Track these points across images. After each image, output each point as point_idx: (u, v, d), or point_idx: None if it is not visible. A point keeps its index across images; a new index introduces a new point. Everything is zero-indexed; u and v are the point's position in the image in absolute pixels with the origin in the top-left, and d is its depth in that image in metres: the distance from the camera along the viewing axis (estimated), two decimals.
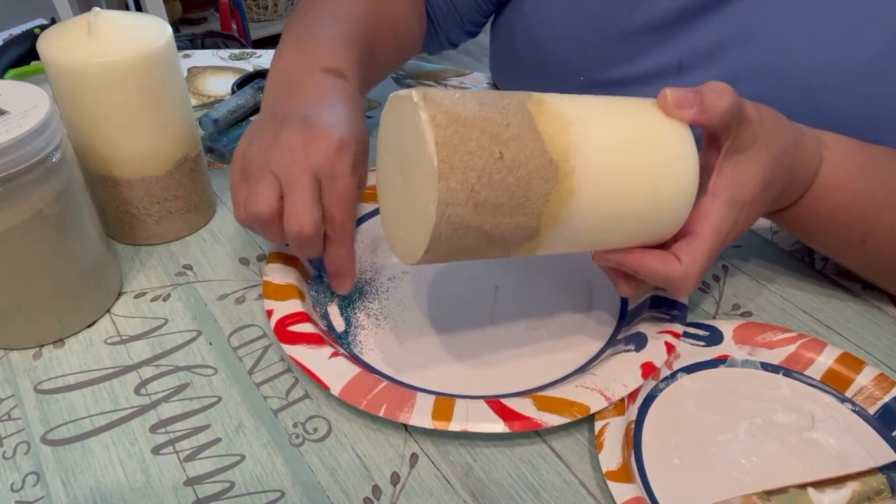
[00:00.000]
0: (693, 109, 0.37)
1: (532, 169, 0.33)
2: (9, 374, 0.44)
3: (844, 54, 0.48)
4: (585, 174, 0.34)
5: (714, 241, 0.38)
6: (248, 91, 0.69)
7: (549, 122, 0.34)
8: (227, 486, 0.37)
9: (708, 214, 0.38)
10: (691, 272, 0.38)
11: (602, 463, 0.37)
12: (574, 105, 0.35)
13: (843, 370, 0.42)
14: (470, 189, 0.32)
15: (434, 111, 0.32)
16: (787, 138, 0.41)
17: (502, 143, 0.32)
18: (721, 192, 0.38)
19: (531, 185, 0.33)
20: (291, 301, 0.45)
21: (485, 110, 0.33)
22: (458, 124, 0.32)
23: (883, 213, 0.43)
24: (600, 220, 0.36)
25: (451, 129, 0.32)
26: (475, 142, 0.32)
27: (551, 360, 0.44)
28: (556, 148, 0.33)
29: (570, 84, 0.61)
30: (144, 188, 0.50)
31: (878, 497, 0.35)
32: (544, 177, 0.33)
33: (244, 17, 2.46)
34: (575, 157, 0.34)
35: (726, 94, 0.37)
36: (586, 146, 0.34)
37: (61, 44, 0.45)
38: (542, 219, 0.34)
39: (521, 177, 0.33)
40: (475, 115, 0.32)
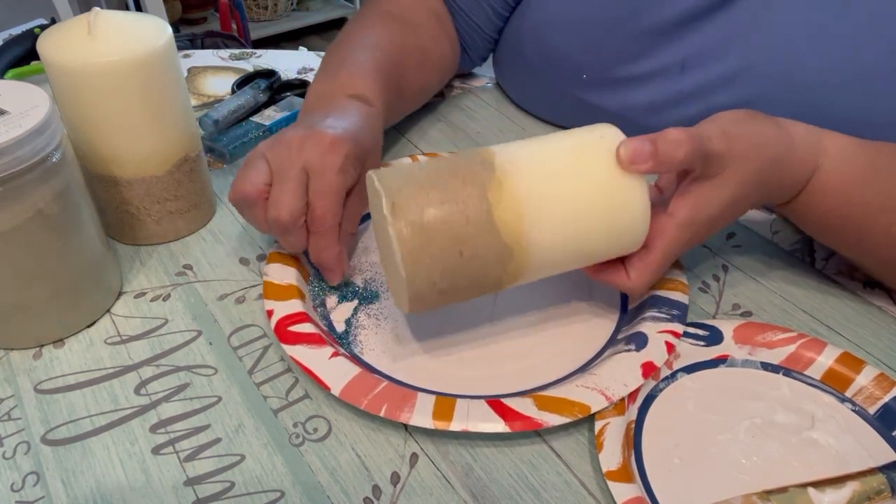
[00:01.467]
0: (647, 164, 0.38)
1: (489, 257, 0.38)
2: (9, 374, 0.44)
3: (847, 56, 0.48)
4: (540, 247, 0.38)
5: (664, 256, 0.41)
6: (248, 91, 0.69)
7: (505, 210, 0.37)
8: (227, 486, 0.37)
9: (663, 233, 0.41)
10: (640, 284, 0.42)
11: (602, 463, 0.37)
12: (532, 177, 0.38)
13: (843, 370, 0.42)
14: (433, 283, 0.38)
15: (400, 224, 0.37)
16: (764, 156, 0.41)
17: (462, 241, 0.37)
18: (678, 212, 0.40)
19: (488, 268, 0.38)
20: (291, 301, 0.45)
21: (445, 209, 0.37)
22: (422, 233, 0.37)
23: (879, 218, 0.43)
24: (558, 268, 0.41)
25: (416, 239, 0.37)
26: (437, 246, 0.37)
27: (551, 359, 0.44)
28: (510, 234, 0.38)
29: (573, 82, 0.61)
30: (144, 188, 0.50)
31: (878, 497, 0.35)
32: (501, 260, 0.38)
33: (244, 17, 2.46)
34: (528, 237, 0.38)
35: (682, 146, 0.38)
36: (540, 224, 0.38)
37: (61, 44, 0.45)
38: (502, 284, 0.40)
39: (478, 265, 0.38)
40: (437, 218, 0.37)
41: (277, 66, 0.81)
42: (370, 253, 0.53)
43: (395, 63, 0.59)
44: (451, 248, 0.37)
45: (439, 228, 0.37)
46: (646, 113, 0.59)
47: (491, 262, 0.38)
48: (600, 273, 0.43)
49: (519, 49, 0.66)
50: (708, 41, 0.53)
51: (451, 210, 0.37)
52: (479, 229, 0.37)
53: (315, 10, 3.11)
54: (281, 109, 0.68)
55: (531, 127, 0.69)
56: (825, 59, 0.49)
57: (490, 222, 0.37)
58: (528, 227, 0.38)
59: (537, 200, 0.38)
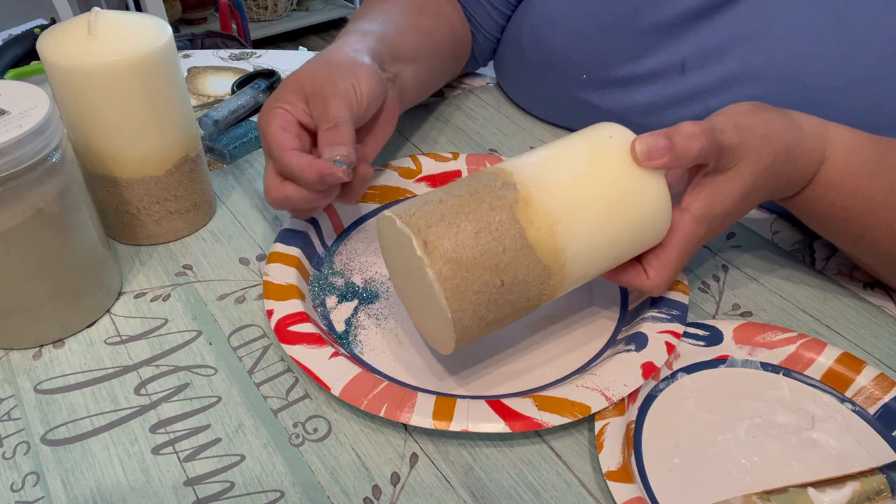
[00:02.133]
0: (663, 159, 0.38)
1: (529, 281, 0.38)
2: (9, 374, 0.44)
3: (847, 57, 0.48)
4: (574, 261, 0.38)
5: (681, 252, 0.41)
6: (248, 91, 0.69)
7: (538, 230, 0.37)
8: (227, 486, 0.37)
9: (677, 228, 0.41)
10: (659, 283, 0.42)
11: (602, 463, 0.37)
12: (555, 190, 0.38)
13: (843, 370, 0.42)
14: (480, 318, 0.37)
15: (438, 264, 0.36)
16: (776, 149, 0.41)
17: (501, 271, 0.36)
18: (692, 207, 0.40)
19: (530, 290, 0.38)
20: (291, 301, 0.45)
21: (481, 242, 0.36)
22: (462, 270, 0.36)
23: (883, 213, 0.43)
24: (590, 277, 0.41)
25: (456, 278, 0.36)
26: (479, 281, 0.36)
27: (552, 359, 0.44)
28: (546, 253, 0.37)
29: (573, 82, 0.61)
30: (144, 188, 0.50)
31: (878, 497, 0.35)
32: (540, 280, 0.38)
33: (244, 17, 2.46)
34: (563, 254, 0.38)
35: (697, 139, 0.38)
36: (573, 239, 0.38)
37: (61, 44, 0.45)
38: (540, 302, 0.40)
39: (520, 290, 0.37)
40: (474, 252, 0.36)
41: (277, 66, 0.81)
42: (370, 253, 0.53)
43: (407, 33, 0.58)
44: (493, 280, 0.36)
45: (478, 261, 0.36)
46: (645, 113, 0.59)
47: (532, 284, 0.38)
48: (619, 275, 0.43)
49: (519, 49, 0.66)
50: (708, 42, 0.53)
51: (486, 240, 0.36)
52: (516, 254, 0.36)
53: (315, 10, 3.11)
54: None
55: (531, 127, 0.69)
56: (825, 60, 0.49)
57: (526, 245, 0.37)
58: (562, 241, 0.37)
59: (566, 213, 0.37)
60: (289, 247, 0.49)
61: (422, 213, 0.37)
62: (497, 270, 0.36)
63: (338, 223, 0.54)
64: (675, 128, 0.38)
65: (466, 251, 0.36)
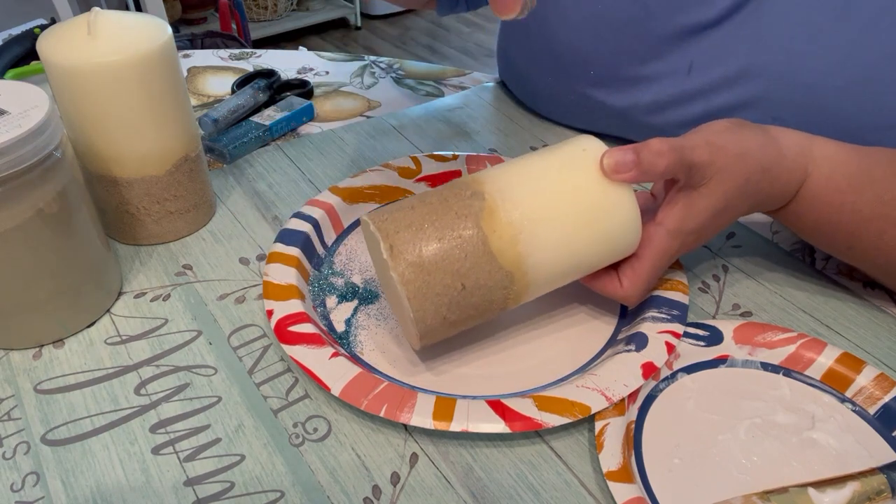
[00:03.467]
0: (630, 173, 0.39)
1: (491, 285, 0.39)
2: (9, 374, 0.44)
3: (848, 57, 0.48)
4: (538, 269, 0.40)
5: (655, 264, 0.42)
6: (247, 91, 0.69)
7: (500, 238, 0.38)
8: (227, 486, 0.37)
9: (652, 241, 0.42)
10: (633, 293, 0.43)
11: (602, 463, 0.37)
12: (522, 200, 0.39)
13: (843, 370, 0.42)
14: (442, 318, 0.39)
15: (401, 267, 0.38)
16: (749, 167, 0.41)
17: (463, 275, 0.38)
18: (667, 221, 0.42)
19: (493, 294, 0.39)
20: (291, 301, 0.45)
21: (443, 245, 0.38)
22: (424, 273, 0.38)
23: (870, 225, 0.43)
24: (558, 283, 0.42)
25: (418, 280, 0.38)
26: (440, 283, 0.38)
27: (552, 360, 0.44)
28: (509, 260, 0.39)
29: (579, 77, 0.61)
30: (144, 188, 0.50)
31: (878, 497, 0.35)
32: (503, 285, 0.39)
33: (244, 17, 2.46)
34: (527, 261, 0.39)
35: (664, 156, 0.39)
36: (535, 247, 0.39)
37: (61, 44, 0.45)
38: (507, 306, 0.41)
39: (482, 294, 0.39)
40: (436, 257, 0.38)
41: (277, 66, 0.81)
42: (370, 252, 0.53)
43: None
44: (454, 283, 0.38)
45: (439, 266, 0.38)
46: (649, 112, 0.59)
47: (494, 289, 0.39)
48: (595, 282, 0.44)
49: (525, 41, 0.65)
50: (715, 45, 0.54)
51: (449, 246, 0.38)
52: (477, 260, 0.38)
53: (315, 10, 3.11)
54: (281, 109, 0.68)
55: (531, 126, 0.69)
56: (826, 60, 0.49)
57: (487, 252, 0.38)
58: (525, 250, 0.39)
59: (530, 223, 0.39)
60: (289, 247, 0.49)
61: (392, 218, 0.39)
62: (458, 275, 0.38)
63: (338, 223, 0.54)
64: (644, 143, 0.39)
65: (429, 256, 0.38)
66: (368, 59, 0.84)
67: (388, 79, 0.80)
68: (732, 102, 0.54)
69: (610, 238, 0.41)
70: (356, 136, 0.67)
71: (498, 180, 0.40)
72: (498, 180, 0.40)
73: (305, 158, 0.64)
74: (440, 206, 0.39)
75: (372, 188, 0.56)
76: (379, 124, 0.69)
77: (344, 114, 0.72)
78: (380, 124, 0.69)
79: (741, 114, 0.53)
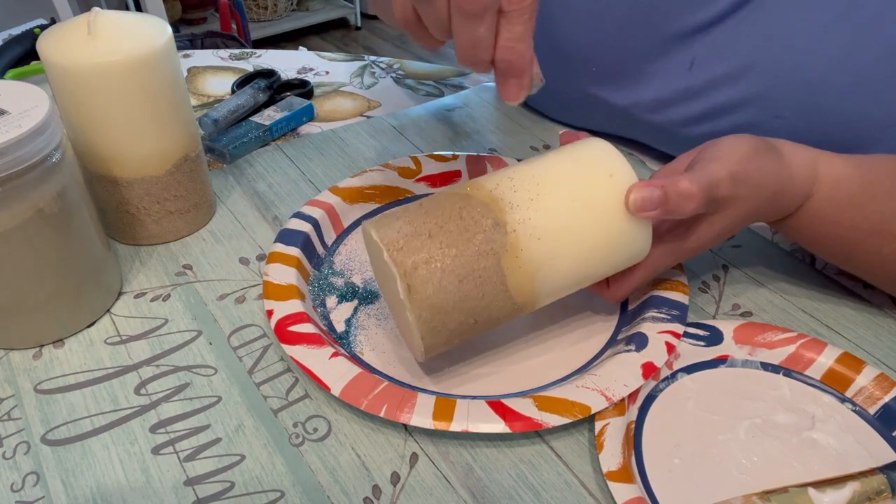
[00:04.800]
0: (655, 211, 0.38)
1: (501, 317, 0.40)
2: (9, 374, 0.44)
3: (850, 54, 0.48)
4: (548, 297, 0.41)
5: (646, 276, 0.43)
6: (247, 91, 0.69)
7: (518, 277, 0.38)
8: (227, 486, 0.37)
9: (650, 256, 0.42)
10: (618, 295, 0.44)
11: (602, 463, 0.37)
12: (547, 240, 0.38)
13: (843, 370, 0.42)
14: (449, 342, 0.40)
15: (418, 310, 0.37)
16: (763, 195, 0.42)
17: (477, 313, 0.39)
18: (668, 237, 0.42)
19: (500, 320, 0.40)
20: (291, 301, 0.45)
21: (463, 289, 0.37)
22: (441, 314, 0.38)
23: (869, 240, 0.43)
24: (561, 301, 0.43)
25: (434, 321, 0.38)
26: (455, 321, 0.38)
27: (552, 360, 0.44)
28: (523, 296, 0.39)
29: (581, 74, 0.61)
30: (144, 188, 0.50)
31: (878, 497, 0.35)
32: (511, 313, 0.40)
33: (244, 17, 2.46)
34: (539, 293, 0.40)
35: (692, 200, 0.38)
36: (550, 282, 0.39)
37: (61, 44, 0.45)
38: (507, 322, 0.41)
39: (491, 322, 0.40)
40: (455, 298, 0.37)
41: (277, 66, 0.81)
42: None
43: None
44: (467, 320, 0.39)
45: (457, 306, 0.38)
46: (651, 109, 0.59)
47: (502, 317, 0.40)
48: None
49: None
50: (717, 41, 0.54)
51: (468, 287, 0.37)
52: (493, 299, 0.38)
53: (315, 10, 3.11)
54: (281, 109, 0.68)
55: (532, 126, 0.69)
56: (828, 57, 0.49)
57: (504, 291, 0.38)
58: (540, 286, 0.39)
59: (550, 259, 0.39)
60: (289, 247, 0.49)
61: (409, 248, 0.37)
62: (473, 312, 0.38)
63: (338, 223, 0.54)
64: (673, 182, 0.38)
65: (448, 298, 0.37)
66: (368, 59, 0.84)
67: (388, 79, 0.80)
68: (734, 99, 0.54)
69: (619, 265, 0.42)
70: (356, 136, 0.67)
71: (520, 209, 0.38)
72: (520, 209, 0.38)
73: (305, 158, 0.64)
74: (460, 237, 0.37)
75: (372, 188, 0.56)
76: (379, 124, 0.69)
77: (344, 114, 0.72)
78: (380, 124, 0.69)
79: (742, 111, 0.53)
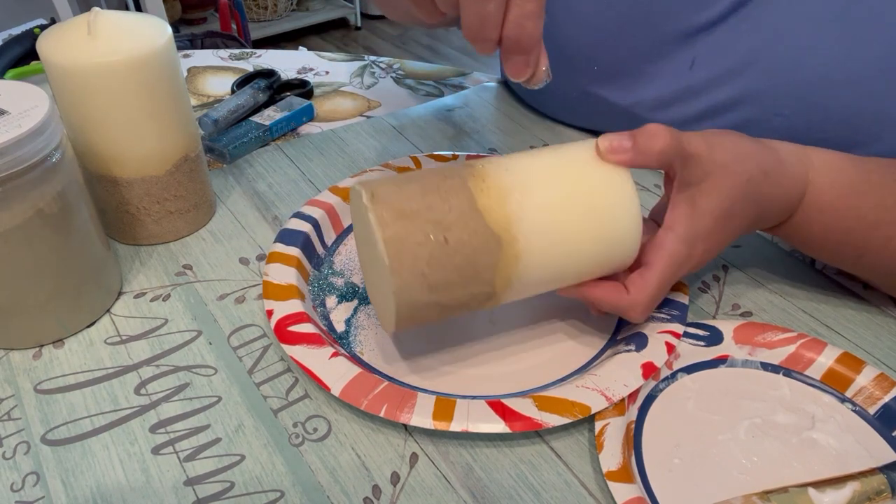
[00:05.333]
0: (626, 155, 0.38)
1: (476, 245, 0.36)
2: (9, 374, 0.44)
3: (851, 51, 0.48)
4: (528, 238, 0.37)
5: (666, 272, 0.40)
6: (247, 91, 0.69)
7: (488, 198, 0.36)
8: (227, 486, 0.37)
9: (662, 246, 0.40)
10: (639, 301, 0.40)
11: (602, 463, 0.37)
12: (514, 171, 0.38)
13: (843, 370, 0.42)
14: (421, 275, 0.36)
15: (380, 210, 0.35)
16: (750, 168, 0.41)
17: (446, 228, 0.36)
18: (675, 225, 0.40)
19: (478, 259, 0.36)
20: (291, 301, 0.45)
21: (427, 199, 0.36)
22: (404, 219, 0.35)
23: (877, 231, 0.43)
24: (551, 271, 0.39)
25: (397, 224, 0.35)
26: (420, 232, 0.35)
27: (551, 360, 0.44)
28: (496, 221, 0.36)
29: (582, 73, 0.61)
30: (144, 188, 0.50)
31: (878, 497, 0.35)
32: (489, 249, 0.36)
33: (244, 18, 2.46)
34: (516, 225, 0.37)
35: (660, 137, 0.38)
36: (525, 212, 0.37)
37: (61, 44, 0.45)
38: (495, 284, 0.38)
39: (467, 254, 0.36)
40: (418, 206, 0.36)
41: (277, 66, 0.81)
42: None
43: None
44: (436, 235, 0.35)
45: (421, 214, 0.35)
46: (652, 108, 0.59)
47: (479, 251, 0.36)
48: (595, 290, 0.41)
49: None
50: (718, 39, 0.54)
51: (433, 198, 0.36)
52: (463, 215, 0.36)
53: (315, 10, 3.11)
54: (281, 109, 0.68)
55: (532, 126, 0.69)
56: (828, 54, 0.49)
57: (474, 209, 0.36)
58: (514, 212, 0.37)
59: (521, 186, 0.37)
60: (289, 247, 0.49)
61: (378, 181, 0.38)
62: (441, 226, 0.35)
63: (338, 223, 0.54)
64: (641, 128, 0.39)
65: (411, 203, 0.36)
66: (368, 59, 0.84)
67: (388, 79, 0.80)
68: (735, 97, 0.54)
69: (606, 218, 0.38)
70: (356, 136, 0.67)
71: (494, 160, 0.39)
72: (494, 160, 0.39)
73: (305, 158, 0.64)
74: (429, 170, 0.38)
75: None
76: (379, 124, 0.69)
77: (344, 114, 0.72)
78: (380, 124, 0.69)
79: (742, 109, 0.54)
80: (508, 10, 0.36)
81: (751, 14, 0.52)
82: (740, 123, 0.54)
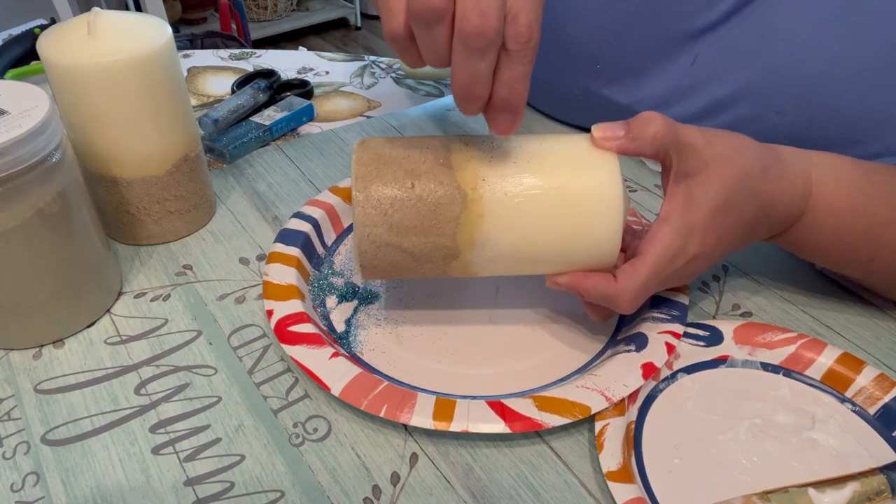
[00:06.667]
0: (619, 141, 0.38)
1: (440, 196, 0.38)
2: (9, 374, 0.44)
3: (852, 49, 0.48)
4: (493, 199, 0.38)
5: (658, 263, 0.39)
6: (247, 91, 0.69)
7: (464, 157, 0.39)
8: (227, 486, 0.37)
9: (656, 237, 0.39)
10: (626, 289, 0.39)
11: (602, 463, 0.37)
12: (499, 143, 0.39)
13: (843, 370, 0.42)
14: (384, 213, 0.38)
15: (362, 152, 0.39)
16: (748, 162, 0.40)
17: (415, 175, 0.38)
18: (670, 216, 0.40)
19: (440, 209, 0.38)
20: (291, 301, 0.45)
21: (409, 152, 0.39)
22: (379, 162, 0.39)
23: (888, 230, 0.42)
24: (519, 241, 0.39)
25: (371, 165, 0.39)
26: (391, 175, 0.38)
27: (552, 360, 0.44)
28: (464, 178, 0.38)
29: (585, 72, 0.61)
30: (144, 188, 0.50)
31: (878, 497, 0.35)
32: (452, 202, 0.38)
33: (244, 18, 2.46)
34: (483, 185, 0.38)
35: (653, 122, 0.38)
36: (496, 176, 0.38)
37: (61, 44, 0.45)
38: (457, 239, 0.39)
39: (429, 202, 0.38)
40: (397, 155, 0.39)
41: (277, 66, 0.81)
42: None
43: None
44: (404, 180, 0.38)
45: (396, 161, 0.39)
46: (654, 106, 0.59)
47: (443, 204, 0.38)
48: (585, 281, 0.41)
49: None
50: (720, 40, 0.54)
51: (414, 152, 0.39)
52: (433, 167, 0.39)
53: (315, 10, 3.11)
54: (281, 109, 0.68)
55: (533, 126, 0.69)
56: (827, 53, 0.49)
57: (447, 164, 0.39)
58: (485, 172, 0.38)
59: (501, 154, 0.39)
60: (289, 247, 0.49)
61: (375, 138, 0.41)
62: (412, 174, 0.38)
63: (338, 223, 0.54)
64: (635, 116, 0.39)
65: (392, 152, 0.39)
66: (368, 59, 0.84)
67: (388, 79, 0.80)
68: (735, 94, 0.54)
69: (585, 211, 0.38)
70: (356, 136, 0.67)
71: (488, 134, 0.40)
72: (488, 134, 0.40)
73: (305, 158, 0.64)
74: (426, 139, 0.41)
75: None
76: (379, 124, 0.69)
77: (344, 114, 0.72)
78: (380, 124, 0.69)
79: (743, 105, 0.54)
80: (499, 72, 0.35)
81: (753, 13, 0.52)
82: (741, 120, 0.54)
